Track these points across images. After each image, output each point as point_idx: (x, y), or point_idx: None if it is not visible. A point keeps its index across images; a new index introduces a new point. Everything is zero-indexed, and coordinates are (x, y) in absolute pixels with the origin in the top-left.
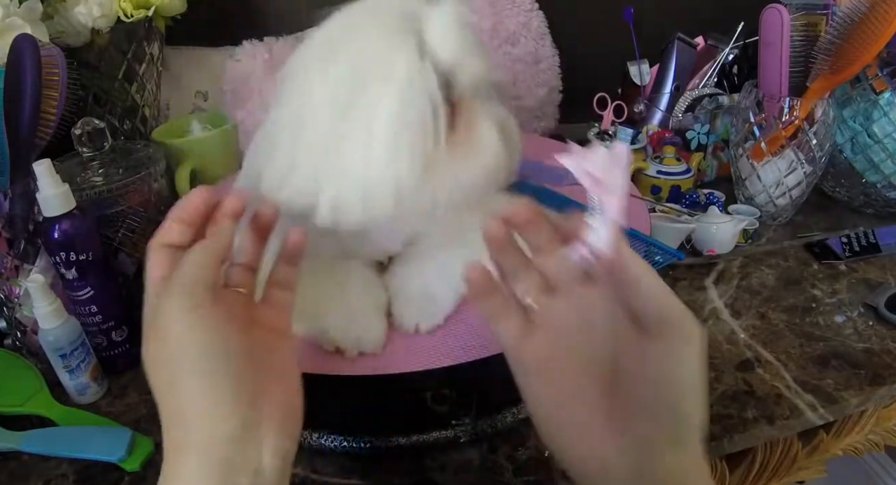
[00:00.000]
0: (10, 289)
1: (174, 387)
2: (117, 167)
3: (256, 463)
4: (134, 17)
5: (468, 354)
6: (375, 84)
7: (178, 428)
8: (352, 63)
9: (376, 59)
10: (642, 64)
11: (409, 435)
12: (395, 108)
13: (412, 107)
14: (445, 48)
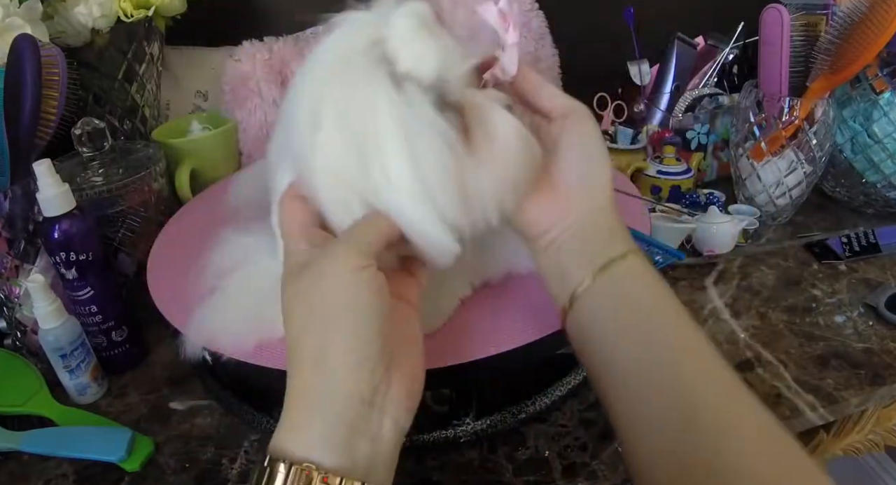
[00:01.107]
0: (10, 289)
1: (327, 334)
2: (117, 167)
3: (377, 430)
4: (134, 17)
5: (468, 354)
6: (371, 137)
7: (316, 374)
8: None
9: (359, 113)
10: (642, 64)
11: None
12: (401, 150)
13: (416, 139)
14: (417, 63)
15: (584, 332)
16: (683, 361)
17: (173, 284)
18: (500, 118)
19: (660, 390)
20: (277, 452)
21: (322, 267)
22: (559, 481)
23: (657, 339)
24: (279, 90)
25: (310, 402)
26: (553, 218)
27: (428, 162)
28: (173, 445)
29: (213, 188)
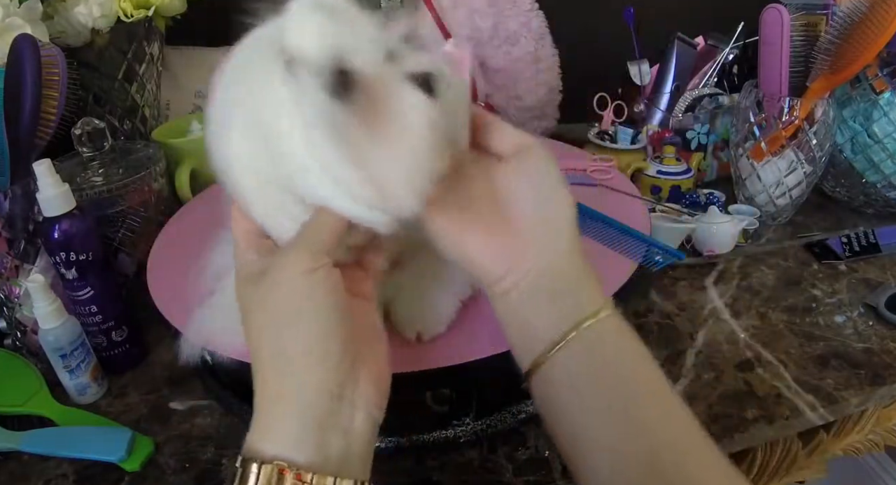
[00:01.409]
0: (10, 289)
1: (286, 337)
2: (117, 167)
3: (348, 424)
4: (134, 17)
5: (468, 354)
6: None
7: (280, 376)
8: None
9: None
10: (642, 64)
11: (409, 435)
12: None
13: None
14: (304, 46)
15: (551, 398)
16: (661, 434)
17: (173, 284)
18: (408, 98)
19: (636, 466)
20: (250, 453)
21: (275, 275)
22: (559, 481)
23: (634, 411)
24: None
25: (278, 403)
26: (508, 263)
27: (323, 149)
28: (173, 445)
29: (213, 188)
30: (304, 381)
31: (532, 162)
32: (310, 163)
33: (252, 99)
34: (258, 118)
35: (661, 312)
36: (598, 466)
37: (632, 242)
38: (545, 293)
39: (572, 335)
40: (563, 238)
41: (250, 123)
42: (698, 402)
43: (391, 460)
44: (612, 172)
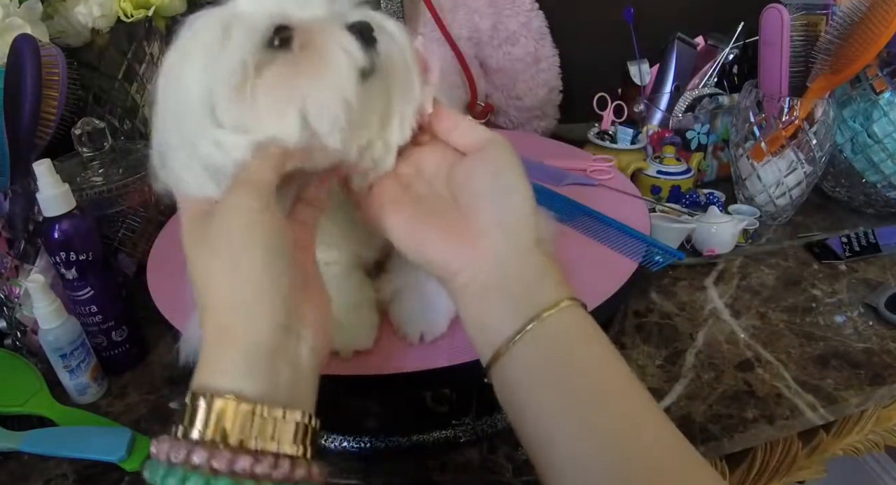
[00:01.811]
0: (10, 289)
1: (236, 272)
2: (117, 167)
3: (295, 356)
4: (134, 17)
5: (468, 354)
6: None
7: (228, 313)
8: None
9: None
10: (642, 64)
11: (409, 435)
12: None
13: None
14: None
15: (510, 393)
16: (631, 440)
17: (173, 284)
18: (340, 41)
19: (604, 475)
20: (200, 389)
21: (223, 214)
22: None
23: (598, 412)
24: None
25: (228, 337)
26: (465, 259)
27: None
28: None
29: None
30: (254, 313)
31: (491, 157)
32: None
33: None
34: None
35: (661, 312)
36: (563, 472)
37: (632, 242)
38: (501, 290)
39: (530, 327)
40: (520, 234)
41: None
42: (698, 402)
43: (391, 460)
44: (612, 172)
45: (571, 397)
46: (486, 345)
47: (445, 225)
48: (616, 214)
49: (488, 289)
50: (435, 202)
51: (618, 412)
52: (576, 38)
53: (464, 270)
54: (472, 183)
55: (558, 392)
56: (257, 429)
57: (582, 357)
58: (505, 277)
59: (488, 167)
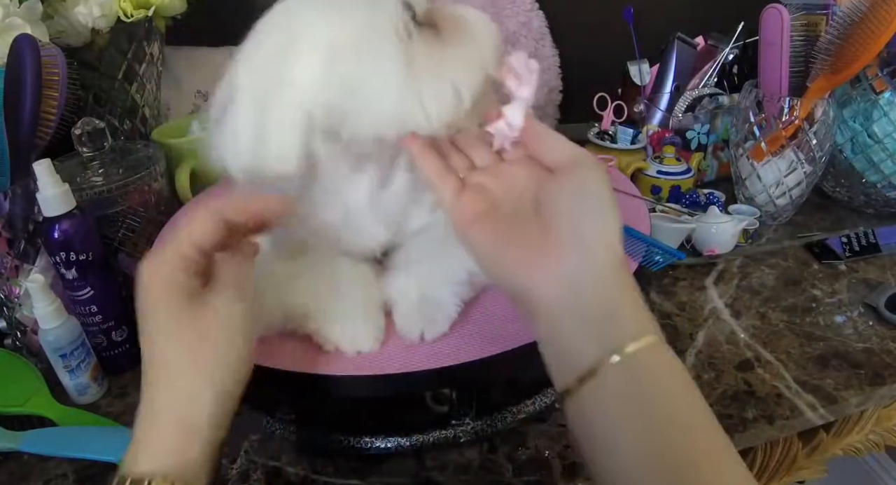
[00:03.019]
0: (10, 289)
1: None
2: (117, 167)
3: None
4: (134, 17)
5: (468, 354)
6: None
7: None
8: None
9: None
10: (642, 64)
11: (409, 435)
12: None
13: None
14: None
15: (588, 424)
16: (705, 467)
17: None
18: (469, 13)
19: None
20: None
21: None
22: (559, 481)
23: (677, 443)
24: None
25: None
26: (544, 278)
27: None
28: None
29: (213, 188)
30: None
31: (579, 177)
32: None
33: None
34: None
35: (661, 312)
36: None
37: (632, 242)
38: (581, 313)
39: (610, 361)
40: (606, 255)
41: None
42: None
43: (391, 460)
44: (612, 172)
45: (654, 434)
46: (563, 373)
47: (527, 243)
48: None
49: (567, 311)
50: (519, 220)
51: (700, 449)
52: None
53: (542, 290)
54: (557, 202)
55: (641, 429)
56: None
57: (665, 394)
58: (585, 300)
59: (575, 186)
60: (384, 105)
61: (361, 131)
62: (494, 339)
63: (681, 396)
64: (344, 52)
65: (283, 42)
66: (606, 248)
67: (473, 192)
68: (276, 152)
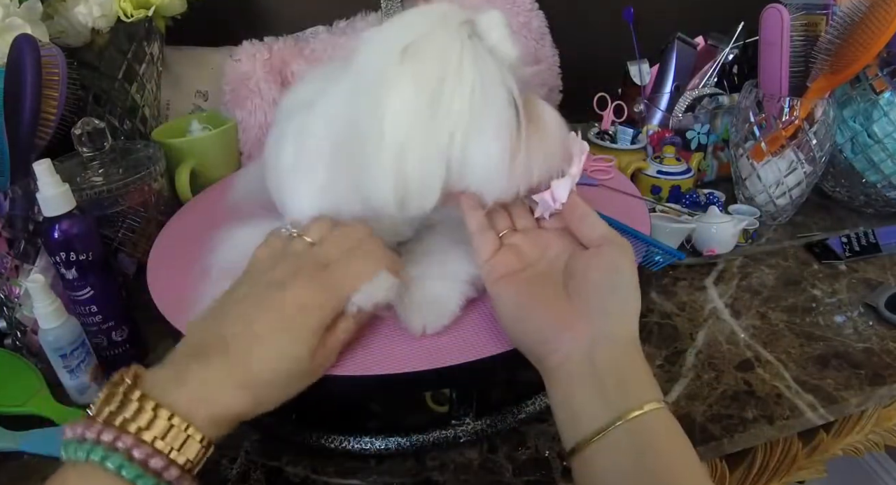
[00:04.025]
0: (10, 289)
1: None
2: (117, 167)
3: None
4: (134, 17)
5: (468, 354)
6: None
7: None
8: (422, 68)
9: (455, 58)
10: (642, 64)
11: (409, 435)
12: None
13: (498, 98)
14: (507, 48)
15: (592, 480)
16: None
17: (173, 284)
18: (551, 120)
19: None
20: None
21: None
22: (559, 481)
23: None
24: (279, 90)
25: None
26: (562, 340)
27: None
28: None
29: (213, 188)
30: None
31: (610, 255)
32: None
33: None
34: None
35: (661, 312)
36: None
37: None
38: (594, 379)
39: (618, 423)
40: (622, 328)
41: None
42: (698, 402)
43: (391, 460)
44: (612, 172)
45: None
46: (572, 433)
47: (552, 308)
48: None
49: (580, 375)
50: (548, 285)
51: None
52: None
53: (559, 351)
54: (587, 275)
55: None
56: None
57: (666, 459)
58: (600, 367)
59: (605, 263)
60: (487, 179)
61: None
62: (494, 339)
63: (679, 455)
64: (472, 128)
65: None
66: (625, 323)
67: (509, 251)
68: (419, 192)
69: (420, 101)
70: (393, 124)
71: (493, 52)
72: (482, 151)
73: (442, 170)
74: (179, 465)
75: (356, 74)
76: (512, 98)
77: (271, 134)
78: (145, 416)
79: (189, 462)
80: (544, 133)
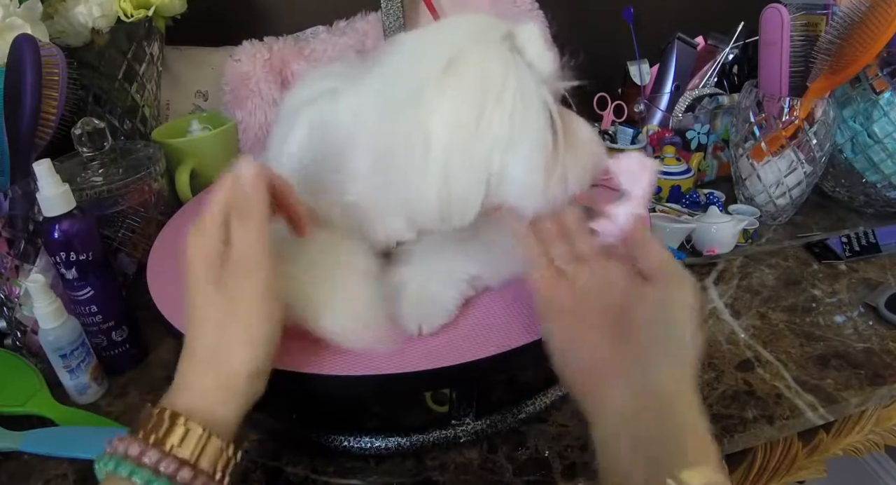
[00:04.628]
0: (10, 289)
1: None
2: (117, 167)
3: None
4: (134, 17)
5: (468, 354)
6: (499, 99)
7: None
8: (467, 85)
9: (497, 76)
10: (642, 64)
11: (409, 435)
12: (518, 117)
13: (533, 113)
14: (545, 63)
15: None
16: None
17: (173, 284)
18: (586, 134)
19: None
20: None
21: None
22: (559, 481)
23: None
24: (279, 90)
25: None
26: (610, 379)
27: (539, 137)
28: None
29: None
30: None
31: (665, 290)
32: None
33: (477, 68)
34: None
35: None
36: None
37: None
38: (640, 431)
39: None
40: (669, 382)
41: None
42: None
43: (391, 460)
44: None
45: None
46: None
47: (604, 348)
48: None
49: (622, 428)
50: (602, 322)
51: None
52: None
53: (609, 395)
54: (644, 311)
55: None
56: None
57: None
58: (640, 423)
59: (658, 300)
60: (524, 195)
61: (494, 201)
62: (494, 339)
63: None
64: (512, 145)
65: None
66: (676, 374)
67: (564, 284)
68: (461, 207)
69: (465, 118)
70: (439, 139)
71: (531, 66)
72: (520, 168)
73: (483, 185)
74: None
75: (389, 78)
76: (550, 116)
77: (274, 130)
78: (164, 426)
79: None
80: (579, 148)
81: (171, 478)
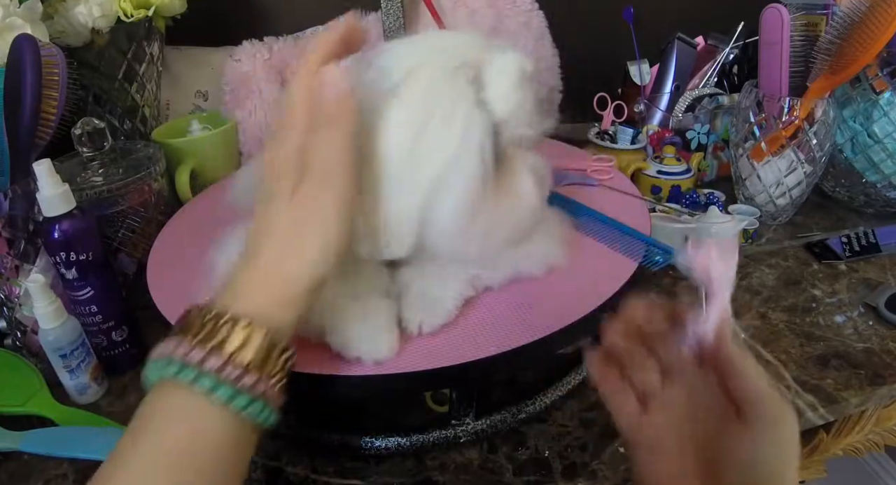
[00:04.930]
0: (10, 289)
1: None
2: (117, 167)
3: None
4: (134, 17)
5: (468, 354)
6: (436, 132)
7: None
8: (415, 110)
9: (440, 107)
10: (642, 64)
11: (409, 435)
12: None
13: (467, 155)
14: (501, 106)
15: None
16: None
17: (173, 284)
18: (525, 182)
19: None
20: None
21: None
22: (559, 481)
23: None
24: (279, 90)
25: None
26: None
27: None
28: None
29: (213, 188)
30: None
31: (760, 430)
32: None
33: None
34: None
35: None
36: None
37: (632, 242)
38: None
39: None
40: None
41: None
42: None
43: (391, 460)
44: (612, 172)
45: None
46: None
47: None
48: (616, 214)
49: None
50: (692, 449)
51: None
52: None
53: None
54: (730, 452)
55: None
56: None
57: None
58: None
59: (752, 441)
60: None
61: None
62: (494, 339)
63: None
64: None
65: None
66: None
67: (656, 412)
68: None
69: (401, 137)
70: (386, 150)
71: (484, 104)
72: (443, 206)
73: (414, 211)
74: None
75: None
76: (482, 159)
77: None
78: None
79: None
80: (517, 202)
81: (234, 384)
